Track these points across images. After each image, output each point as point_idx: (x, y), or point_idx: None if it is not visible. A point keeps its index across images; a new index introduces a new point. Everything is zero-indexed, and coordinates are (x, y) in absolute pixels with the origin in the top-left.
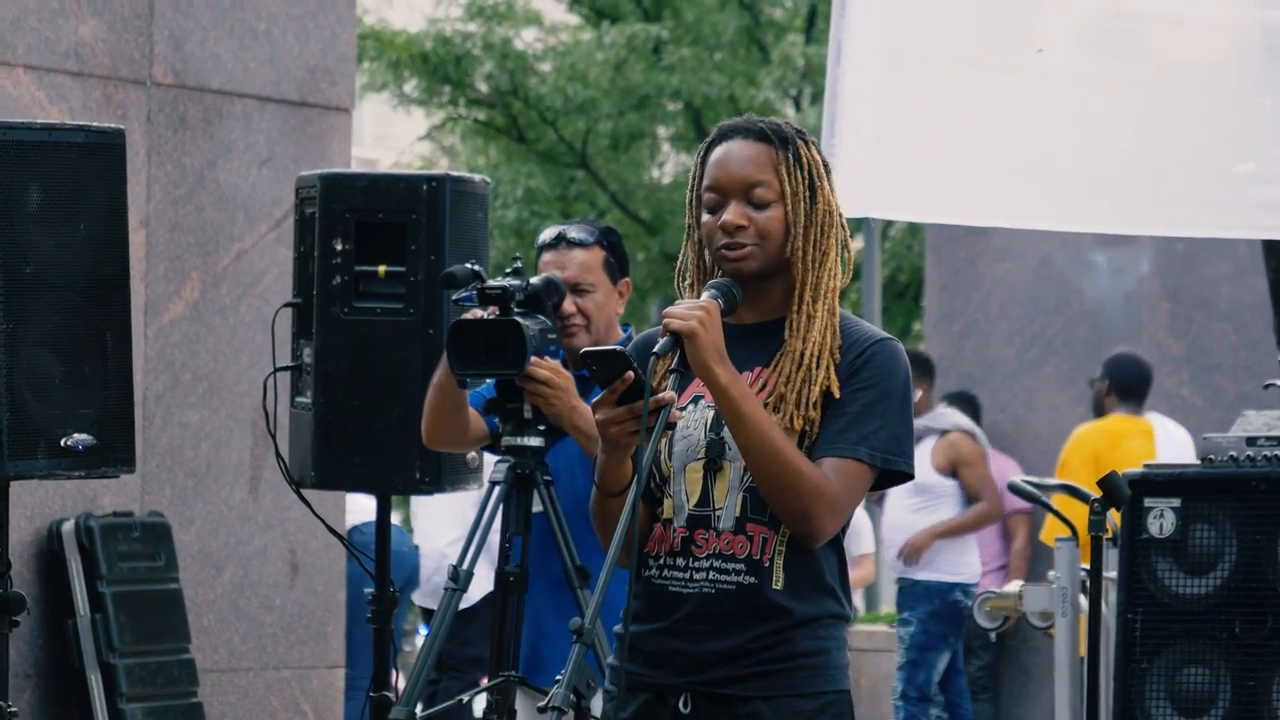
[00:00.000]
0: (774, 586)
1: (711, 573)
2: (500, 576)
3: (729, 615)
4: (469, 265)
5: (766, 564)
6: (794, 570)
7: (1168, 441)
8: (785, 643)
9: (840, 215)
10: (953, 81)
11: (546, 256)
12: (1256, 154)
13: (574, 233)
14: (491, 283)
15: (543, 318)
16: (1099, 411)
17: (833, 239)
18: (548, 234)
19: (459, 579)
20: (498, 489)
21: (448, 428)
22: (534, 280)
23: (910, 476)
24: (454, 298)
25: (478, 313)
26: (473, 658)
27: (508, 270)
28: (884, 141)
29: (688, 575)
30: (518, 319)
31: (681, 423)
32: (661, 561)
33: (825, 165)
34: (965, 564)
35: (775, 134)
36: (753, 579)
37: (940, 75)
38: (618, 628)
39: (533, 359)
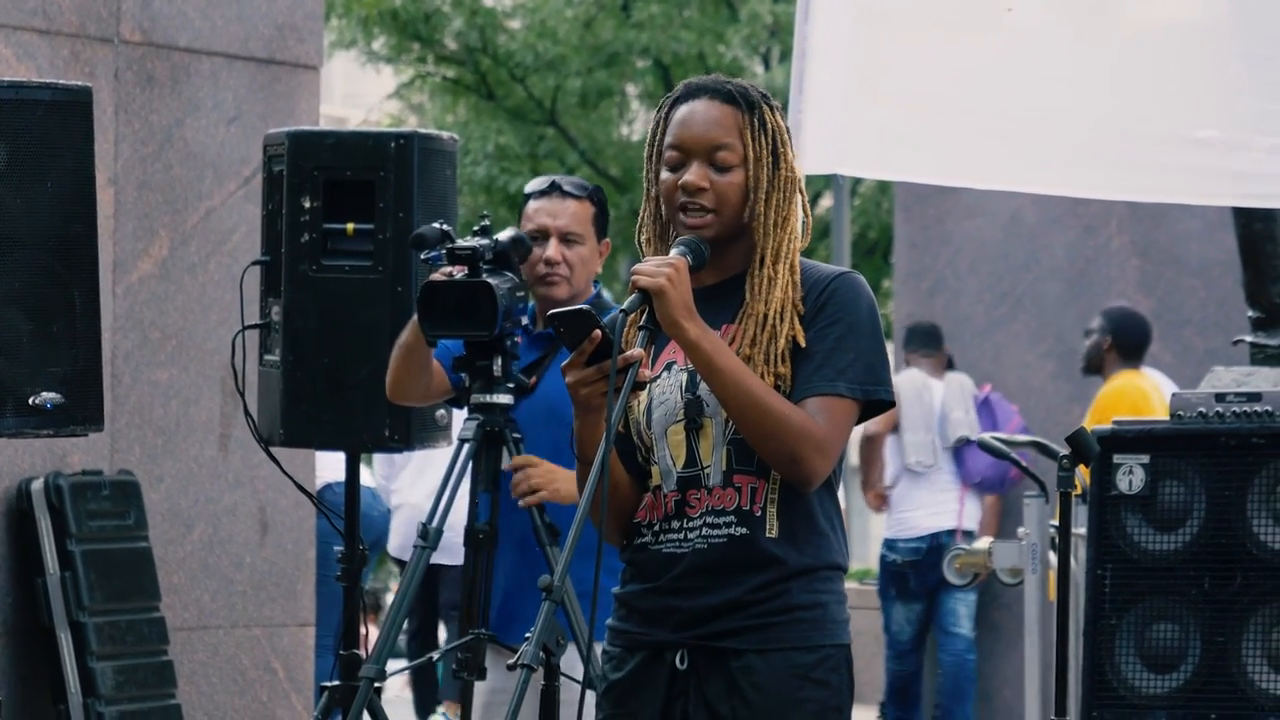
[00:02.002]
0: (768, 535)
1: (704, 529)
2: (469, 534)
3: (723, 568)
4: (438, 225)
5: (758, 513)
6: (788, 518)
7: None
8: (782, 595)
9: (801, 180)
10: (921, 40)
11: (537, 204)
12: (1220, 120)
13: (568, 184)
14: (460, 242)
15: (511, 274)
16: (1095, 365)
17: (794, 204)
18: (538, 182)
19: (429, 536)
20: (467, 446)
21: (412, 384)
22: (501, 236)
23: (891, 404)
24: (423, 258)
25: (448, 272)
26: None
27: (475, 229)
28: (852, 99)
29: (682, 536)
30: (488, 279)
31: (657, 389)
32: (656, 528)
33: (788, 131)
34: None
35: (742, 97)
36: (744, 530)
37: (909, 33)
38: (616, 589)
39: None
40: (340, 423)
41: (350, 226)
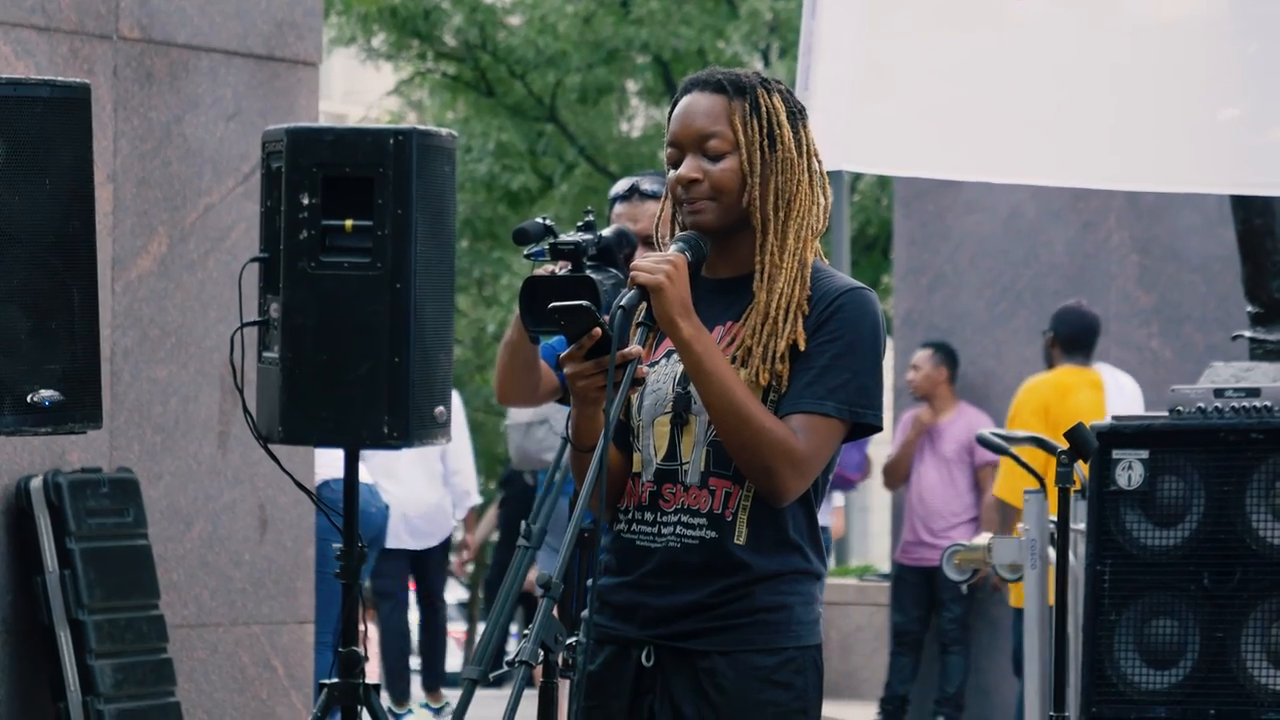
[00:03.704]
0: (736, 541)
1: (678, 528)
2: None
3: (692, 570)
4: (540, 220)
5: (729, 518)
6: (758, 525)
7: (1118, 393)
8: (745, 598)
9: (814, 161)
10: (930, 34)
11: (619, 208)
12: (1240, 99)
13: (647, 185)
14: (564, 237)
15: (615, 271)
16: (1049, 363)
17: (797, 184)
18: (621, 185)
19: (531, 536)
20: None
21: (519, 384)
22: (605, 233)
23: (879, 428)
24: (525, 253)
25: (550, 268)
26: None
27: (579, 224)
28: (859, 94)
29: (655, 530)
30: (591, 275)
31: (652, 377)
32: (630, 516)
33: (793, 112)
34: None
35: (732, 84)
36: (714, 534)
37: (917, 28)
38: (590, 581)
39: None
40: (339, 419)
41: (349, 223)
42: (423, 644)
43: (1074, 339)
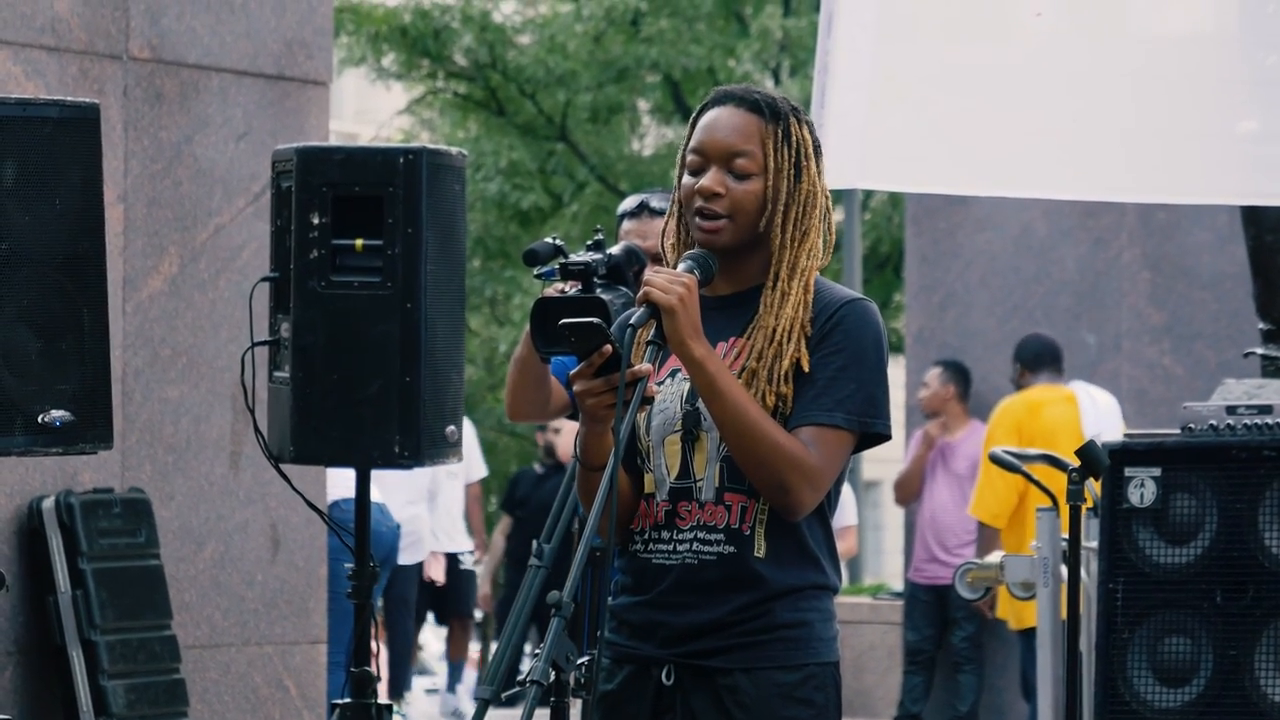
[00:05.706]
0: (756, 555)
1: (695, 544)
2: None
3: (710, 586)
4: (550, 240)
5: (747, 532)
6: (776, 539)
7: (1092, 407)
8: (765, 615)
9: (826, 197)
10: (946, 50)
11: (628, 225)
12: (1257, 110)
13: (656, 202)
14: (574, 258)
15: (625, 289)
16: (1017, 385)
17: (814, 220)
18: (629, 202)
19: (543, 556)
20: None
21: (530, 401)
22: (614, 250)
23: (888, 437)
24: (535, 274)
25: (560, 288)
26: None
27: (588, 243)
28: (875, 111)
29: (671, 548)
30: (601, 295)
31: (659, 396)
32: (646, 536)
33: (816, 145)
34: None
35: (768, 107)
36: (733, 548)
37: (933, 44)
38: (610, 601)
39: None
40: (350, 439)
41: (359, 242)
42: (390, 653)
43: (1037, 358)
